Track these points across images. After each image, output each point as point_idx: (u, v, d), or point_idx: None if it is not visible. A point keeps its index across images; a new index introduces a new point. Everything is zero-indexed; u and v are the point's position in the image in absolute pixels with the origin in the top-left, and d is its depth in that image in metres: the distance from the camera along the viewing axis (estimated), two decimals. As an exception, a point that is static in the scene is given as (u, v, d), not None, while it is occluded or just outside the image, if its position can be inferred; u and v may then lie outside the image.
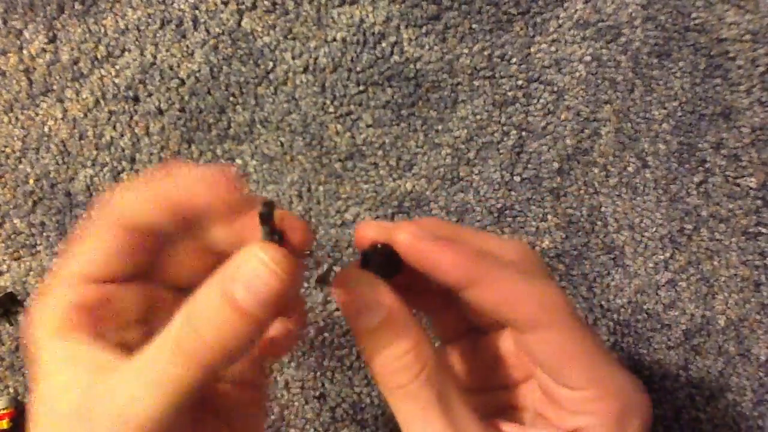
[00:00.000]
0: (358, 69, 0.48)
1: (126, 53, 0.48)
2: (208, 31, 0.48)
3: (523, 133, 0.49)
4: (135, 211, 0.24)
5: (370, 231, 0.26)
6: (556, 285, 0.26)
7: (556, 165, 0.49)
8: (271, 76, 0.48)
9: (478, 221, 0.49)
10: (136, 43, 0.48)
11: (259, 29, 0.48)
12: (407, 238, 0.25)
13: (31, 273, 0.49)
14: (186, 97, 0.48)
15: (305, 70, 0.48)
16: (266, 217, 0.22)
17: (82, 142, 0.48)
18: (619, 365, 0.26)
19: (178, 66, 0.48)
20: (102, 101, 0.48)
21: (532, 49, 0.49)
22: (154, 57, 0.48)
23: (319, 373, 0.48)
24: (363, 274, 0.25)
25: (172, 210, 0.24)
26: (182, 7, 0.48)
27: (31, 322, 0.24)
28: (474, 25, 0.49)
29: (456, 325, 0.31)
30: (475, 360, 0.31)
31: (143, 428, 0.21)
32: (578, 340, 0.25)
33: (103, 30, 0.49)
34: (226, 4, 0.48)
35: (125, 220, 0.24)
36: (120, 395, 0.21)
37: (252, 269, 0.21)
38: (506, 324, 0.27)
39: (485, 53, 0.49)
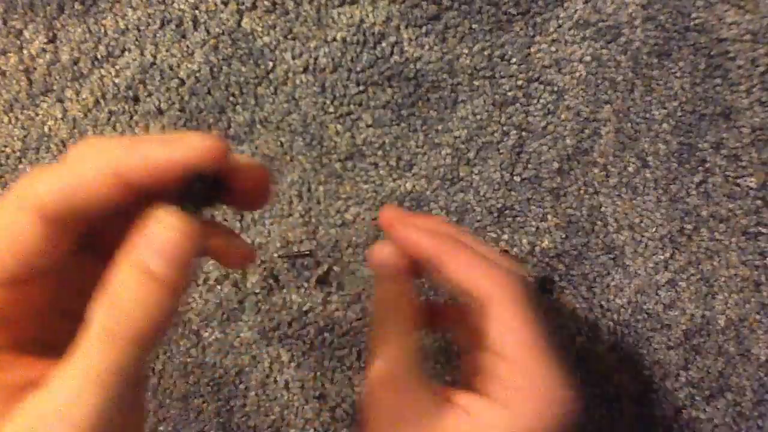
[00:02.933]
0: (358, 69, 0.48)
1: (126, 53, 0.48)
2: (208, 31, 0.48)
3: (523, 133, 0.49)
4: (68, 193, 0.21)
5: (392, 214, 0.33)
6: (526, 287, 0.30)
7: (556, 165, 0.49)
8: (271, 76, 0.48)
9: (478, 221, 0.49)
10: (136, 43, 0.48)
11: (259, 29, 0.48)
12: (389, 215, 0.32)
13: (31, 273, 0.49)
14: (186, 97, 0.48)
15: (305, 70, 0.48)
16: (197, 190, 0.22)
17: (82, 142, 0.48)
18: (553, 359, 0.29)
19: (178, 66, 0.48)
20: (102, 101, 0.48)
21: (532, 49, 0.49)
22: (154, 57, 0.48)
23: (319, 373, 0.48)
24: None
25: (132, 185, 0.21)
26: (182, 7, 0.48)
27: None
28: (474, 25, 0.49)
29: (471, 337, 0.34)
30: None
31: (88, 426, 0.20)
32: (523, 324, 0.29)
33: (103, 30, 0.49)
34: (226, 4, 0.48)
35: (48, 206, 0.21)
36: (57, 398, 0.20)
37: (159, 236, 0.21)
38: (467, 300, 0.30)
39: (485, 53, 0.49)
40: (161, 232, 0.21)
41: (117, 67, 0.48)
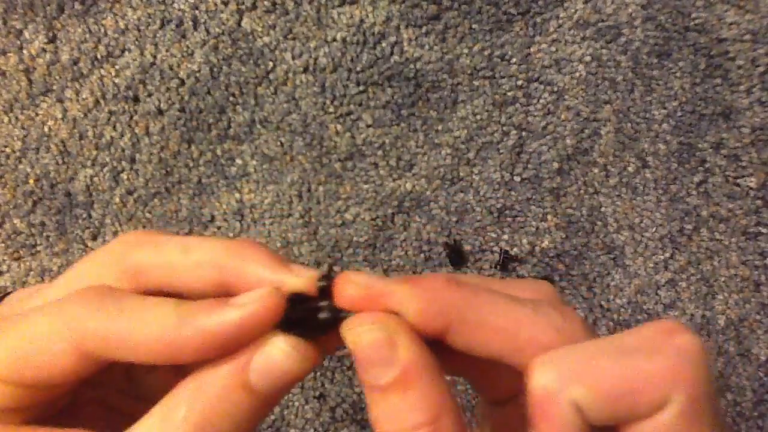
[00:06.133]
0: (358, 69, 0.48)
1: (126, 53, 0.48)
2: (208, 31, 0.48)
3: (523, 133, 0.49)
4: (122, 349, 0.20)
5: (351, 290, 0.21)
6: (577, 317, 0.21)
7: (556, 165, 0.49)
8: (271, 76, 0.48)
9: (478, 221, 0.49)
10: (136, 43, 0.48)
11: (259, 29, 0.48)
12: (351, 288, 0.20)
13: (31, 273, 0.49)
14: (186, 97, 0.48)
15: (305, 70, 0.48)
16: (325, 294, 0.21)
17: (82, 142, 0.48)
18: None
19: (178, 66, 0.48)
20: (102, 101, 0.48)
21: (532, 49, 0.49)
22: (154, 57, 0.48)
23: (319, 373, 0.48)
24: (384, 316, 0.20)
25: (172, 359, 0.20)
26: (182, 7, 0.48)
27: None
28: (474, 25, 0.49)
29: (504, 386, 0.24)
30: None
31: None
32: (701, 428, 0.19)
33: (103, 30, 0.49)
34: (226, 4, 0.48)
35: (89, 347, 0.20)
36: None
37: (272, 357, 0.20)
38: (505, 362, 0.20)
39: (485, 53, 0.49)
40: (275, 354, 0.20)
41: (117, 67, 0.48)
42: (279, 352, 0.20)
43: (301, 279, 0.20)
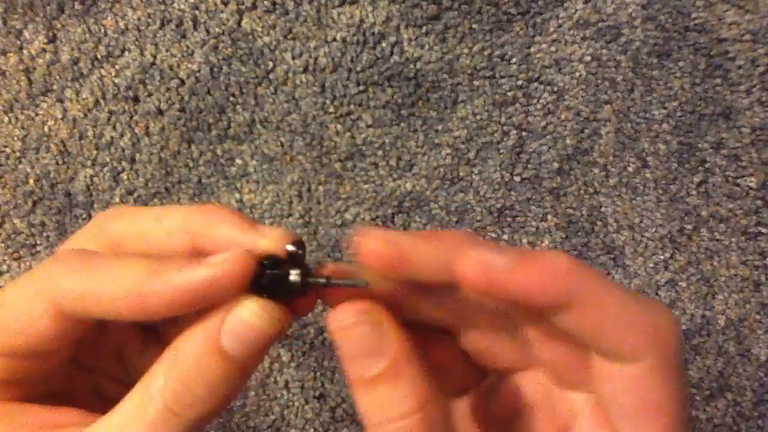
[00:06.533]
0: (358, 69, 0.48)
1: (126, 53, 0.49)
2: (208, 31, 0.48)
3: (523, 133, 0.49)
4: (96, 305, 0.20)
5: (375, 244, 0.20)
6: (671, 314, 0.21)
7: (556, 165, 0.49)
8: (271, 76, 0.48)
9: (478, 221, 0.49)
10: (136, 43, 0.48)
11: (259, 29, 0.48)
12: (476, 269, 0.19)
13: (31, 273, 0.49)
14: (186, 97, 0.48)
15: (305, 70, 0.48)
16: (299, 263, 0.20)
17: (82, 142, 0.48)
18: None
19: (178, 66, 0.48)
20: (102, 101, 0.48)
21: (532, 49, 0.49)
22: (154, 57, 0.48)
23: (319, 373, 0.48)
24: (368, 306, 0.20)
25: (153, 315, 0.20)
26: (182, 7, 0.48)
27: None
28: (474, 25, 0.49)
29: (463, 374, 0.25)
30: (491, 412, 0.25)
31: None
32: (668, 391, 0.20)
33: (103, 30, 0.49)
34: (226, 4, 0.48)
35: (66, 306, 0.20)
36: None
37: (241, 319, 0.20)
38: (596, 350, 0.21)
39: (485, 53, 0.49)
40: (245, 316, 0.20)
41: (117, 67, 0.48)
42: (248, 313, 0.20)
43: (270, 239, 0.21)
